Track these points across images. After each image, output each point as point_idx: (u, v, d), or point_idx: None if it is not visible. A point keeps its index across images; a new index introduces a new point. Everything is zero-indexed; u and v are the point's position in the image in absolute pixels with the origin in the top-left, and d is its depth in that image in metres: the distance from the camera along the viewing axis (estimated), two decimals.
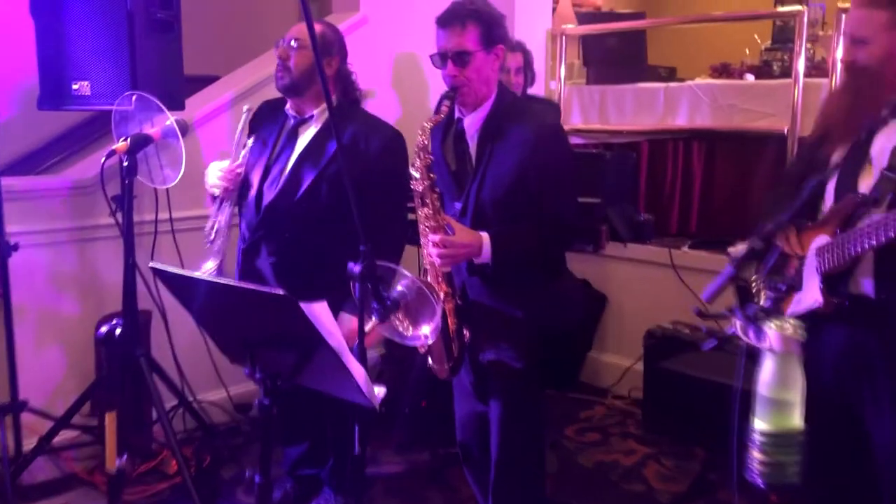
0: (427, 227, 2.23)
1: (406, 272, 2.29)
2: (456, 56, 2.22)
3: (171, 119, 2.09)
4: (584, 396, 4.06)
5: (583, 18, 4.60)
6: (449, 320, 2.33)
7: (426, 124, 2.20)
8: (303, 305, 1.55)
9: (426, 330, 2.13)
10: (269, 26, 4.83)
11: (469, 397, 2.57)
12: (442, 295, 2.25)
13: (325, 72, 2.59)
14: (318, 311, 1.58)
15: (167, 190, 3.12)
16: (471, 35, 2.21)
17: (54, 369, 3.22)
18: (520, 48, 3.68)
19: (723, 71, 4.10)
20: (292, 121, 2.71)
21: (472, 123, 2.32)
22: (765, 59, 4.04)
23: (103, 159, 1.98)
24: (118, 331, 1.92)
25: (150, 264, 1.80)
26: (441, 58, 2.25)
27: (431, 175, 2.20)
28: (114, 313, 3.23)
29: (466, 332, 2.37)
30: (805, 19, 3.61)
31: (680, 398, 3.39)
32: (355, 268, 1.90)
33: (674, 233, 4.16)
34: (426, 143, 2.19)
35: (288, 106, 2.71)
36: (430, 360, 2.43)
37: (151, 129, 2.09)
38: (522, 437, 2.39)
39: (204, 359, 3.48)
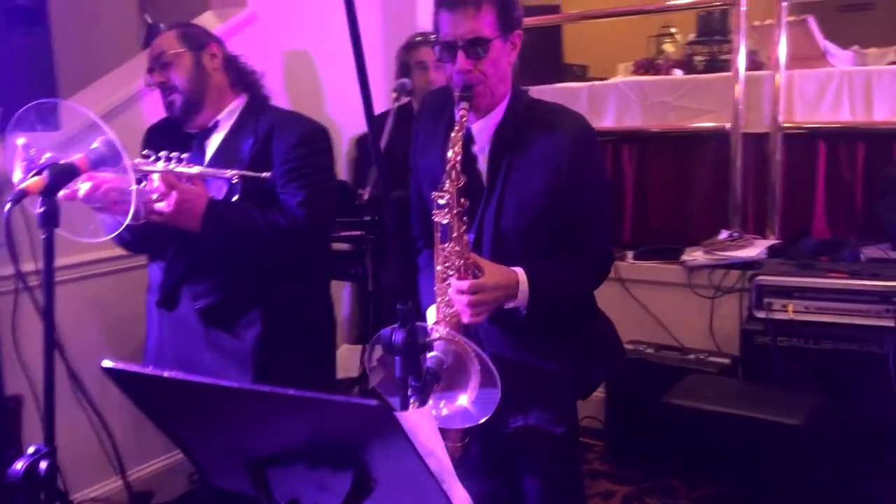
0: (448, 268, 1.71)
1: (436, 327, 1.77)
2: (469, 45, 1.72)
3: (109, 135, 1.44)
4: None
5: None
6: None
7: (455, 135, 1.69)
8: (402, 418, 1.00)
9: (464, 401, 1.63)
10: (105, 42, 4.06)
11: (479, 474, 2.06)
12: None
13: (208, 66, 2.10)
14: (417, 422, 1.04)
15: (29, 234, 2.40)
16: (487, 18, 1.72)
17: None
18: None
19: (649, 67, 3.83)
20: (196, 136, 2.16)
21: (482, 131, 1.82)
22: (688, 54, 3.81)
23: (8, 205, 1.31)
24: (44, 464, 1.25)
25: (104, 364, 1.18)
26: (447, 49, 1.74)
27: (463, 201, 1.69)
28: None
29: None
30: (742, 9, 3.41)
31: (654, 427, 3.05)
32: (397, 336, 1.37)
33: None
34: (458, 159, 1.68)
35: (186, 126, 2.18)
36: None
37: (75, 156, 1.43)
38: None
39: (88, 444, 2.75)
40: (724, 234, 3.46)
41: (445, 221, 1.69)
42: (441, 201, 1.68)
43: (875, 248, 3.12)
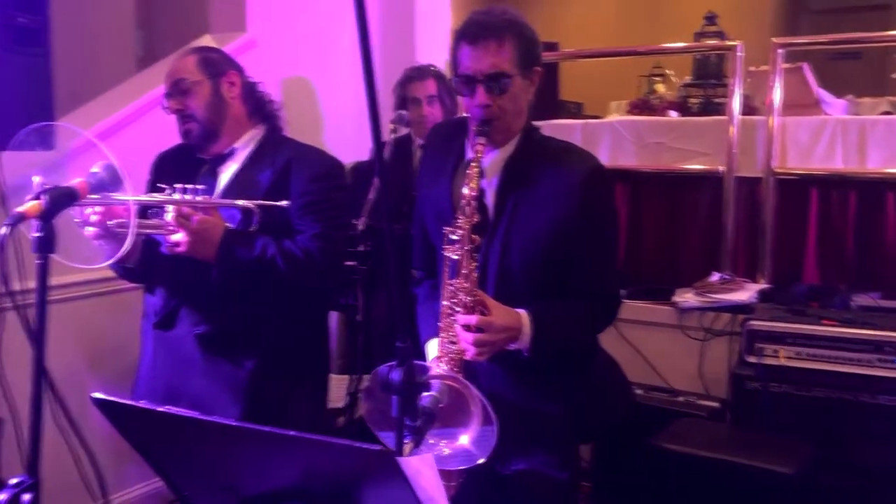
0: (454, 304, 1.69)
1: (436, 363, 1.75)
2: (490, 80, 1.71)
3: (112, 161, 1.42)
4: None
5: None
6: None
7: (472, 171, 1.68)
8: (404, 464, 0.98)
9: (465, 440, 1.61)
10: (102, 61, 4.04)
11: None
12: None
13: (226, 95, 2.10)
14: (419, 468, 1.02)
15: (19, 251, 2.36)
16: (508, 53, 1.72)
17: None
18: (431, 73, 3.27)
19: (644, 107, 3.85)
20: (209, 162, 2.14)
21: (492, 165, 1.81)
22: (683, 96, 3.84)
23: (6, 229, 1.29)
24: (27, 497, 1.22)
25: (94, 396, 1.15)
26: (467, 83, 1.73)
27: (475, 238, 1.68)
28: None
29: None
30: (740, 54, 3.44)
31: (642, 470, 3.00)
32: (394, 375, 1.34)
33: None
34: (474, 195, 1.67)
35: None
36: None
37: (74, 181, 1.41)
38: None
39: (66, 470, 2.68)
40: (715, 277, 3.45)
41: (456, 257, 1.68)
42: (453, 236, 1.68)
43: (866, 297, 3.12)
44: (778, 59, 3.34)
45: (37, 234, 1.29)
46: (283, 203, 2.00)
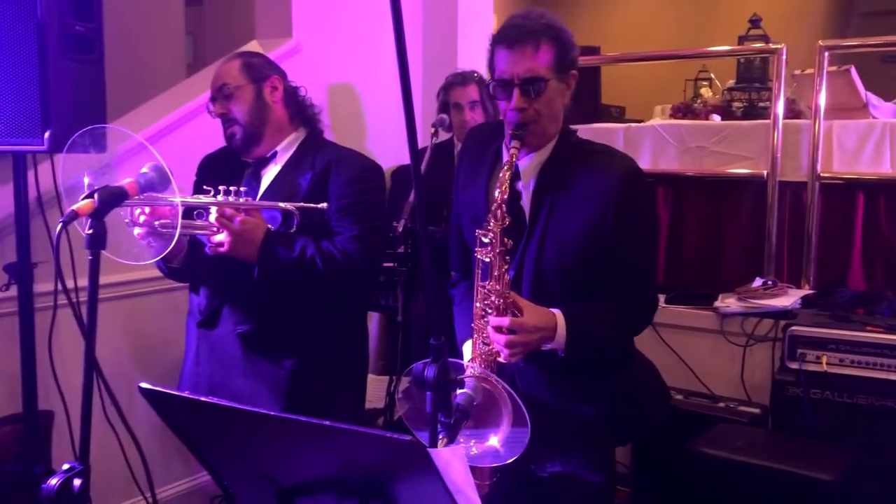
0: (487, 306, 1.72)
1: (470, 364, 1.78)
2: (525, 84, 1.73)
3: (160, 163, 1.49)
4: None
5: None
6: None
7: (503, 174, 1.71)
8: (434, 455, 1.01)
9: (494, 441, 1.64)
10: (152, 65, 4.15)
11: None
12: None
13: (268, 99, 2.16)
14: (449, 460, 1.05)
15: (71, 251, 2.45)
16: (544, 57, 1.74)
17: None
18: (473, 79, 3.30)
19: (686, 111, 3.83)
20: (252, 165, 2.20)
21: (529, 168, 1.83)
22: (726, 100, 3.81)
23: (59, 225, 1.36)
24: (77, 482, 1.28)
25: (141, 385, 1.20)
26: (503, 86, 1.76)
27: (506, 241, 1.70)
28: (6, 417, 2.49)
29: None
30: (784, 57, 3.41)
31: (681, 475, 2.98)
32: (429, 372, 1.37)
33: None
34: (505, 198, 1.69)
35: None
36: None
37: (125, 181, 1.48)
38: None
39: (114, 462, 2.77)
40: (758, 282, 3.42)
41: (487, 260, 1.70)
42: (485, 239, 1.70)
43: None
44: (823, 62, 3.30)
45: (89, 231, 1.36)
46: (322, 205, 2.04)
